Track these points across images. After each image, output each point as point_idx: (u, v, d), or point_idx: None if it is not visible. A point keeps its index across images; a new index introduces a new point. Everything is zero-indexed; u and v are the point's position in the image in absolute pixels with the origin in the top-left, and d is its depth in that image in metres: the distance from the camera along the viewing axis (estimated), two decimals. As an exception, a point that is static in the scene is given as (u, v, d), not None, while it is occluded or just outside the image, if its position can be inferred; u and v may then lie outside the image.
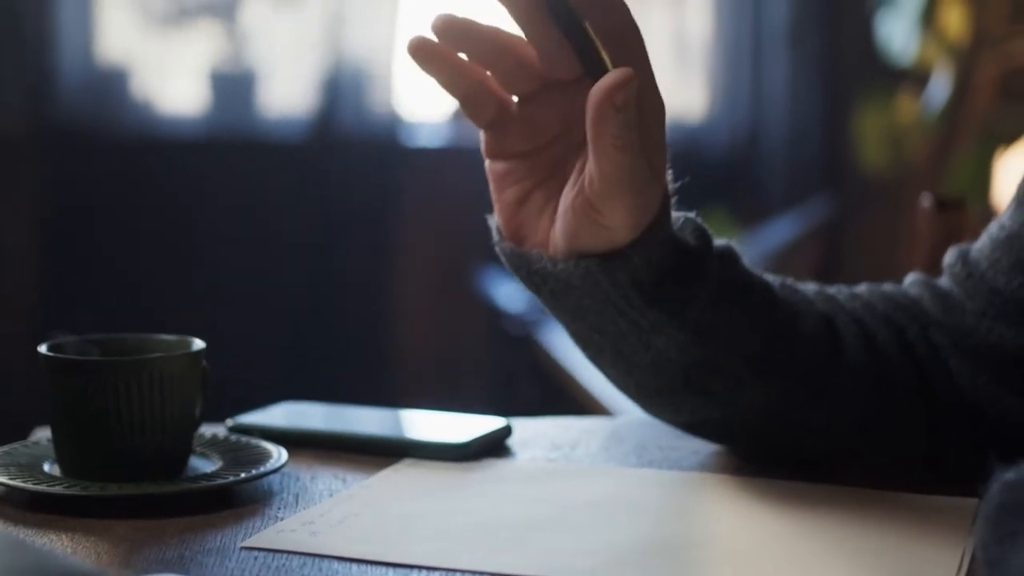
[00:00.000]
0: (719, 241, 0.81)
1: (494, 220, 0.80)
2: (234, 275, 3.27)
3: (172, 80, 3.35)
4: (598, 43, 0.72)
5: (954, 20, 3.04)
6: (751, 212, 3.30)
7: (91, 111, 3.24)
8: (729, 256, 0.81)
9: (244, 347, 3.11)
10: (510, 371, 3.14)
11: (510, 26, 0.75)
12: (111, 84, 3.29)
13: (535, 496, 0.78)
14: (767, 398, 0.81)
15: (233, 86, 3.35)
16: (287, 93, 3.37)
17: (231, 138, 3.31)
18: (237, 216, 3.28)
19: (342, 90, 3.32)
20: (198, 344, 0.81)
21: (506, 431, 0.90)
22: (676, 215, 0.79)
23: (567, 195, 0.76)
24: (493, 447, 0.88)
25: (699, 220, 0.80)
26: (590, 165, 0.73)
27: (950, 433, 0.85)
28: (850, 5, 3.35)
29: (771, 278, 0.84)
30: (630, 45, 0.73)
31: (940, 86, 3.08)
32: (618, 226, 0.74)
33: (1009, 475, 0.62)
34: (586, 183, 0.73)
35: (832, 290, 0.90)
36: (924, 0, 3.03)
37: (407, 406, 0.97)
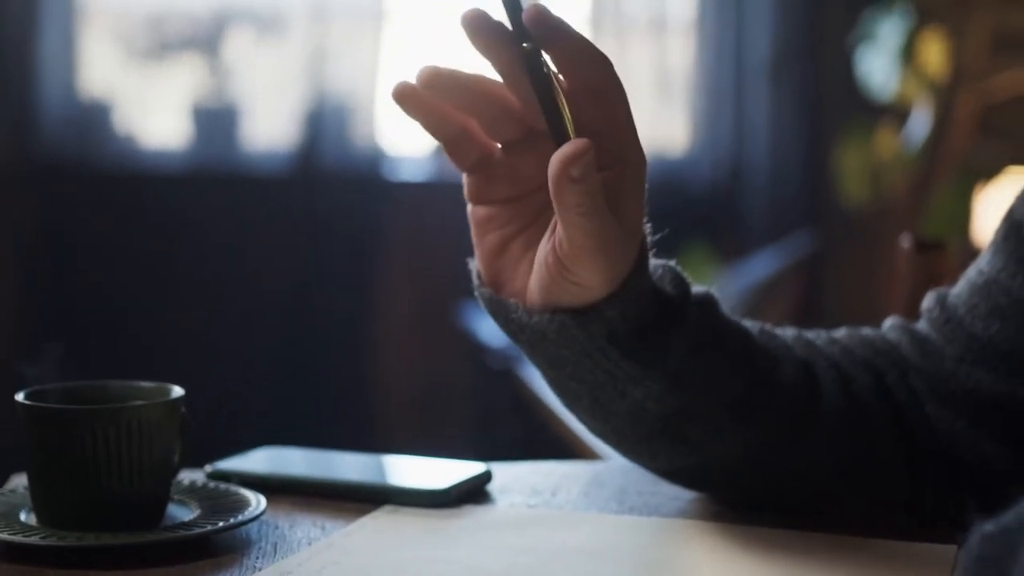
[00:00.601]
0: (697, 288, 0.81)
1: (474, 264, 0.79)
2: (216, 307, 3.27)
3: (155, 114, 3.36)
4: (565, 110, 0.71)
5: (934, 56, 3.06)
6: (733, 246, 3.31)
7: (74, 145, 3.24)
8: (708, 303, 0.81)
9: (225, 377, 3.10)
10: (492, 405, 3.13)
11: (495, 74, 0.75)
12: (94, 118, 3.29)
13: (516, 544, 0.78)
14: (746, 444, 0.81)
15: (215, 120, 3.36)
16: (269, 127, 3.38)
17: (213, 172, 3.32)
18: (219, 249, 3.28)
19: (325, 124, 3.32)
20: (177, 391, 0.81)
21: (486, 477, 0.90)
22: (655, 263, 0.78)
23: (542, 248, 0.75)
24: (473, 493, 0.88)
25: (678, 268, 0.79)
26: (559, 229, 0.72)
27: (928, 478, 0.85)
28: (831, 40, 3.37)
29: (749, 324, 0.84)
30: (612, 100, 0.73)
31: (920, 121, 3.10)
32: (591, 285, 0.73)
33: (988, 526, 0.61)
34: (556, 244, 0.73)
35: (811, 335, 0.90)
36: (904, 36, 3.05)
37: (389, 441, 0.98)
